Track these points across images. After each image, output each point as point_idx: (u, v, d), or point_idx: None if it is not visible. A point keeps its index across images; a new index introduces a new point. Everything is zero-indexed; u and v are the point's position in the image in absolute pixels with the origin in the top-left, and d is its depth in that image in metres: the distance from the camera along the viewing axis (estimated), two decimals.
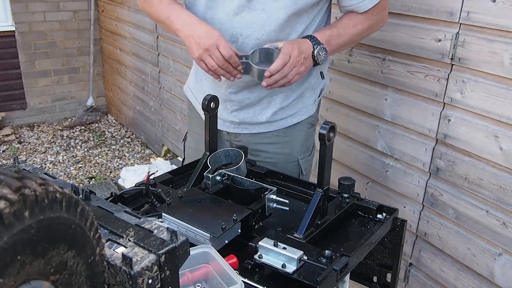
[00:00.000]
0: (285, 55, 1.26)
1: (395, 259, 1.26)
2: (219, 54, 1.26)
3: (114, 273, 0.67)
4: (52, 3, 4.74)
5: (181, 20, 1.36)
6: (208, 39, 1.27)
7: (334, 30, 1.39)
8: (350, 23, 1.41)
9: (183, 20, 1.35)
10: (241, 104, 1.48)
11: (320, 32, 1.37)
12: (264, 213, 1.14)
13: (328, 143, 1.09)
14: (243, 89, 1.46)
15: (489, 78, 1.49)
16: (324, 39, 1.35)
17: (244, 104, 1.48)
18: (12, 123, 4.85)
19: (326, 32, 1.38)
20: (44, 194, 0.52)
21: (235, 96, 1.47)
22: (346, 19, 1.42)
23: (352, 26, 1.41)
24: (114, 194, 1.19)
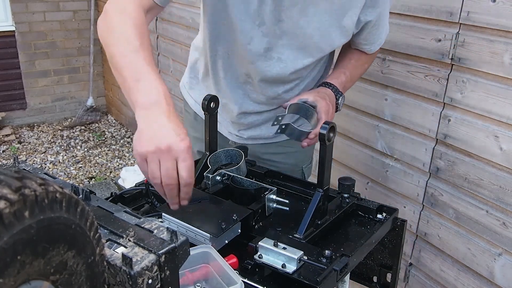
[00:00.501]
0: (326, 114, 1.26)
1: (395, 259, 1.26)
2: (172, 170, 0.91)
3: (114, 273, 0.67)
4: (52, 3, 4.74)
5: (149, 90, 0.96)
6: (169, 139, 0.90)
7: (347, 74, 1.40)
8: (359, 64, 1.45)
9: (152, 92, 0.96)
10: (249, 125, 1.50)
11: (337, 78, 1.38)
12: (264, 213, 1.14)
13: (328, 143, 1.09)
14: (253, 113, 1.46)
15: (489, 78, 1.49)
16: (341, 86, 1.38)
17: (252, 125, 1.49)
18: (12, 123, 4.85)
19: (342, 78, 1.39)
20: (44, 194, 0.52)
21: (245, 119, 1.47)
22: (354, 60, 1.44)
23: (360, 67, 1.47)
24: (114, 194, 1.19)
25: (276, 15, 1.22)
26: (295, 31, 1.25)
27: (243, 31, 1.25)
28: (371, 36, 1.36)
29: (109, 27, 1.09)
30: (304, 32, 1.25)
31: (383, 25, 1.36)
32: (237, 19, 1.23)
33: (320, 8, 1.22)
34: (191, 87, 1.60)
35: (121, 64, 1.01)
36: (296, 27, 1.24)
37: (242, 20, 1.23)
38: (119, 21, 1.08)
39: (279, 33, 1.26)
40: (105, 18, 1.12)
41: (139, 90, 0.96)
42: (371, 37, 1.37)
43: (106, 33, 1.10)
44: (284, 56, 1.29)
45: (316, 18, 1.23)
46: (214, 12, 1.27)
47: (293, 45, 1.28)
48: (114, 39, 1.06)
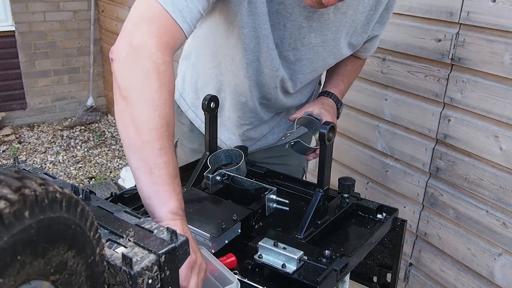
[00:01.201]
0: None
1: (395, 259, 1.26)
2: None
3: (114, 273, 0.67)
4: (52, 3, 4.74)
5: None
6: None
7: (345, 81, 1.45)
8: (354, 69, 1.50)
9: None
10: (253, 137, 1.50)
11: (336, 87, 1.42)
12: (264, 213, 1.14)
13: (328, 143, 1.09)
14: (258, 127, 1.47)
15: (489, 78, 1.49)
16: (341, 94, 1.43)
17: (255, 136, 1.50)
18: (12, 123, 4.85)
19: (341, 86, 1.43)
20: (44, 194, 0.52)
21: (248, 134, 1.47)
22: (350, 66, 1.48)
23: (355, 72, 1.52)
24: (114, 194, 1.19)
25: (291, 43, 1.22)
26: (311, 57, 1.27)
27: (271, 60, 1.24)
28: (371, 46, 1.42)
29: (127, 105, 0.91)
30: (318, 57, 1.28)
31: (379, 36, 1.41)
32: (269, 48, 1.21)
33: (339, 35, 1.24)
34: (194, 103, 1.52)
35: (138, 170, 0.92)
36: (311, 53, 1.26)
37: (271, 49, 1.21)
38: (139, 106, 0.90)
39: (293, 60, 1.27)
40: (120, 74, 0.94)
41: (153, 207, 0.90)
42: (370, 46, 1.42)
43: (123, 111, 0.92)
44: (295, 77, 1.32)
45: (333, 43, 1.25)
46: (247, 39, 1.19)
47: (306, 70, 1.31)
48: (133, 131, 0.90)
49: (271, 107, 1.41)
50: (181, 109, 1.58)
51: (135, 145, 0.89)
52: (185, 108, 1.56)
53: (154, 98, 0.89)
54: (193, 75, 1.47)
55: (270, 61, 1.23)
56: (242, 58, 1.23)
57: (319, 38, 1.22)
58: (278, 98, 1.36)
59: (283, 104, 1.40)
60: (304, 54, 1.25)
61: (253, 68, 1.25)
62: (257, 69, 1.26)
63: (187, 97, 1.55)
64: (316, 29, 1.20)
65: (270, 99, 1.37)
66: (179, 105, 1.58)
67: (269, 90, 1.32)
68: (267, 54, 1.21)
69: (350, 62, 1.47)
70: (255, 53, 1.21)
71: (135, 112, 0.89)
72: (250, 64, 1.24)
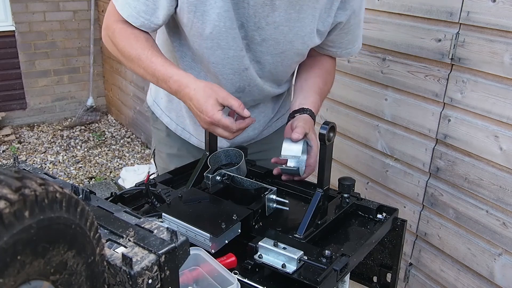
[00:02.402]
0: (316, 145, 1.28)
1: (395, 259, 1.26)
2: (221, 132, 1.19)
3: (114, 273, 0.67)
4: (52, 3, 4.74)
5: (171, 81, 1.20)
6: (202, 119, 1.17)
7: (318, 97, 1.41)
8: (323, 82, 1.45)
9: (174, 83, 1.20)
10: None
11: (313, 103, 1.38)
12: (264, 213, 1.14)
13: (328, 143, 1.09)
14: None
15: (489, 78, 1.49)
16: (316, 110, 1.38)
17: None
18: (12, 123, 4.85)
19: (317, 102, 1.39)
20: (44, 194, 0.52)
21: None
22: (320, 79, 1.44)
23: (325, 85, 1.46)
24: (114, 194, 1.19)
25: (256, 22, 1.23)
26: (277, 37, 1.26)
27: (230, 47, 1.25)
28: (339, 39, 1.38)
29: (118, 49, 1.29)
30: (284, 38, 1.27)
31: (353, 33, 1.37)
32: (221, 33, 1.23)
33: (303, 15, 1.24)
34: (167, 107, 1.54)
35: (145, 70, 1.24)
36: (277, 33, 1.26)
37: (232, 28, 1.22)
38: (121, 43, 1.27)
39: (259, 40, 1.27)
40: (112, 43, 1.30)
41: (163, 86, 1.23)
42: (338, 40, 1.38)
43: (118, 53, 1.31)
44: (263, 60, 1.31)
45: (298, 23, 1.25)
46: (192, 31, 1.24)
47: (273, 51, 1.30)
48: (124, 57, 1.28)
49: (246, 97, 1.39)
50: (155, 115, 1.57)
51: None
52: (159, 113, 1.56)
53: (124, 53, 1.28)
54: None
55: (232, 40, 1.24)
56: (201, 46, 1.26)
57: (283, 16, 1.23)
58: (251, 83, 1.34)
59: (258, 91, 1.38)
60: (270, 34, 1.25)
61: (217, 56, 1.27)
62: (220, 55, 1.27)
63: (160, 101, 1.55)
64: (279, 7, 1.20)
65: (244, 88, 1.36)
66: (154, 111, 1.58)
67: (240, 76, 1.32)
68: (227, 35, 1.22)
69: (317, 77, 1.44)
70: (214, 39, 1.23)
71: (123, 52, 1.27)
72: (211, 50, 1.26)
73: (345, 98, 2.07)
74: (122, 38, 1.26)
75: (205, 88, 1.16)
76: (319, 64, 1.45)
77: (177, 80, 1.18)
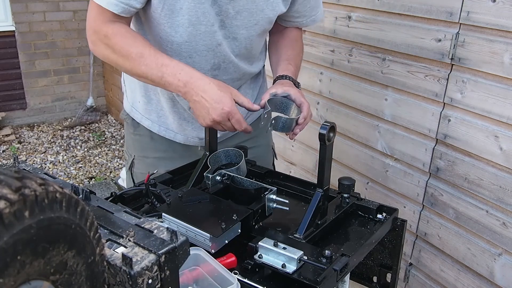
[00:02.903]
0: (303, 97, 1.29)
1: (395, 259, 1.26)
2: (230, 125, 1.22)
3: (114, 273, 0.67)
4: (52, 3, 4.74)
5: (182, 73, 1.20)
6: (218, 110, 1.18)
7: (292, 64, 1.45)
8: (296, 52, 1.51)
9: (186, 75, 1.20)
10: None
11: (287, 70, 1.41)
12: (264, 213, 1.14)
13: (328, 143, 1.09)
14: None
15: (489, 78, 1.49)
16: (294, 75, 1.42)
17: None
18: (12, 123, 4.85)
19: (291, 69, 1.43)
20: (44, 194, 0.52)
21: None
22: (291, 49, 1.49)
23: (298, 55, 1.52)
24: (114, 194, 1.19)
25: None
26: (250, 7, 1.28)
27: (202, 23, 1.26)
28: (302, 8, 1.43)
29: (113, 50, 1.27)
30: (257, 7, 1.29)
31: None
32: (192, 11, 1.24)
33: None
34: (146, 109, 1.51)
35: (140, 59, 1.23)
36: (249, 3, 1.27)
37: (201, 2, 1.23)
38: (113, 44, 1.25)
39: (233, 13, 1.28)
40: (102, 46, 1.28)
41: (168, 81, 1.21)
42: (302, 9, 1.43)
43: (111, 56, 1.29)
44: (239, 34, 1.33)
45: None
46: (164, 11, 1.25)
47: (248, 24, 1.32)
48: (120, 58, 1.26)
49: (223, 75, 1.39)
50: (136, 121, 1.55)
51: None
52: (139, 118, 1.53)
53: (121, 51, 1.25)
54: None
55: (202, 15, 1.25)
56: (173, 25, 1.27)
57: None
58: (226, 59, 1.35)
59: (234, 68, 1.39)
60: (243, 5, 1.27)
61: (189, 33, 1.28)
62: (192, 32, 1.28)
63: (138, 105, 1.52)
64: None
65: (219, 65, 1.36)
66: (133, 117, 1.55)
67: (213, 52, 1.33)
68: (196, 10, 1.24)
69: (288, 46, 1.48)
70: (184, 15, 1.24)
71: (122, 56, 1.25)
72: (182, 28, 1.27)
73: (345, 98, 2.07)
74: (118, 38, 1.24)
75: (219, 83, 1.21)
76: (284, 37, 1.51)
77: (189, 71, 1.19)
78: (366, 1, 1.87)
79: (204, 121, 1.22)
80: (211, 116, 1.19)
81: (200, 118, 1.23)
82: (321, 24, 2.11)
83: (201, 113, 1.21)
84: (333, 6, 2.05)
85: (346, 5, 1.98)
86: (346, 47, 2.01)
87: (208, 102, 1.18)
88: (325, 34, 2.12)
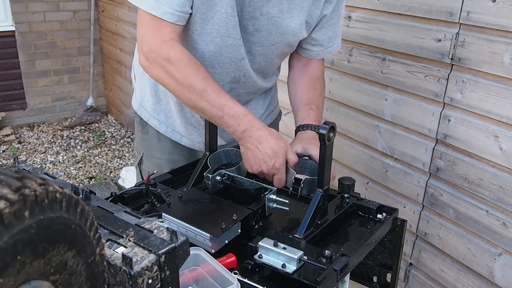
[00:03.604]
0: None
1: (395, 259, 1.26)
2: (271, 178, 1.21)
3: (114, 273, 0.67)
4: (52, 3, 4.74)
5: (244, 120, 1.17)
6: (269, 164, 1.17)
7: (314, 108, 1.41)
8: (317, 93, 1.45)
9: (247, 122, 1.18)
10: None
11: (312, 117, 1.38)
12: (264, 213, 1.14)
13: (328, 143, 1.09)
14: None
15: (489, 78, 1.49)
16: (316, 121, 1.39)
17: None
18: (12, 123, 4.85)
19: (312, 114, 1.39)
20: (44, 194, 0.52)
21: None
22: (312, 89, 1.44)
23: (320, 96, 1.46)
24: (114, 194, 1.19)
25: (250, 12, 1.24)
26: (269, 28, 1.28)
27: (231, 35, 1.25)
28: (321, 36, 1.39)
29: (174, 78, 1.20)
30: (277, 30, 1.29)
31: (333, 29, 1.39)
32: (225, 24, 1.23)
33: (293, 6, 1.26)
34: (154, 109, 1.50)
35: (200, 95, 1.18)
36: (270, 24, 1.27)
37: (233, 16, 1.22)
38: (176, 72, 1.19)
39: (252, 30, 1.27)
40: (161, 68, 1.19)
41: (227, 122, 1.19)
42: (320, 38, 1.39)
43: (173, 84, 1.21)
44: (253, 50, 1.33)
45: (289, 15, 1.27)
46: (196, 17, 1.23)
47: (265, 43, 1.31)
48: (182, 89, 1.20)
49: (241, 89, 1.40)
50: (143, 119, 1.54)
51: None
52: (147, 117, 1.53)
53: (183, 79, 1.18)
54: (151, 78, 1.40)
55: (232, 28, 1.24)
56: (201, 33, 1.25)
57: (277, 8, 1.25)
58: (246, 74, 1.36)
59: (252, 83, 1.39)
60: (263, 25, 1.27)
61: (215, 43, 1.27)
62: (219, 43, 1.27)
63: (146, 104, 1.52)
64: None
65: (239, 79, 1.36)
66: (141, 116, 1.55)
67: (236, 65, 1.32)
68: (227, 21, 1.23)
69: (310, 87, 1.44)
70: (214, 24, 1.23)
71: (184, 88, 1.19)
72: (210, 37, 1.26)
73: (345, 98, 2.07)
74: (182, 66, 1.18)
75: (275, 134, 1.19)
76: (306, 74, 1.46)
77: (251, 119, 1.18)
78: (366, 1, 1.87)
79: (251, 168, 1.21)
80: (260, 168, 1.19)
81: (248, 164, 1.22)
82: None
83: (251, 161, 1.20)
84: None
85: (346, 5, 1.98)
86: (346, 47, 2.01)
87: (261, 153, 1.17)
88: None
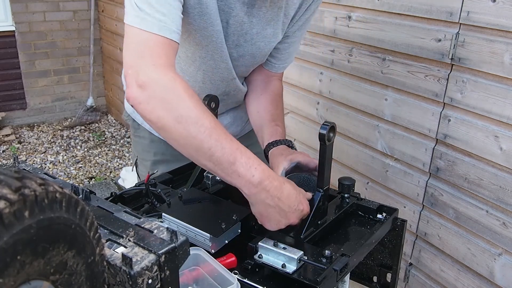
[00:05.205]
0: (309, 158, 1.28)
1: (395, 259, 1.26)
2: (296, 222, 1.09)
3: (114, 273, 0.67)
4: (52, 3, 4.74)
5: (259, 168, 0.99)
6: (298, 213, 1.05)
7: (281, 125, 1.40)
8: (278, 111, 1.44)
9: (262, 172, 0.99)
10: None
11: (279, 133, 1.37)
12: None
13: (328, 143, 1.09)
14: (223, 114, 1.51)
15: (489, 78, 1.49)
16: (284, 136, 1.38)
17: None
18: (12, 123, 4.85)
19: (281, 131, 1.38)
20: (44, 194, 0.52)
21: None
22: (274, 107, 1.43)
23: (281, 113, 1.46)
24: (114, 194, 1.19)
25: (234, 40, 1.25)
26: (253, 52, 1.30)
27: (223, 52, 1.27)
28: (282, 50, 1.39)
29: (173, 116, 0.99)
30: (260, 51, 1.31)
31: (294, 46, 1.41)
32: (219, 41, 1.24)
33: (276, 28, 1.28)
34: None
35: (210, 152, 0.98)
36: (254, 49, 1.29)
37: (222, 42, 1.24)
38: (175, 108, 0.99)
39: (236, 56, 1.30)
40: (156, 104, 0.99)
41: (239, 171, 0.98)
42: (281, 51, 1.39)
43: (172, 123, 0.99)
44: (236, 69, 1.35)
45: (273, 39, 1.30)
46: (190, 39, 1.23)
47: (248, 64, 1.34)
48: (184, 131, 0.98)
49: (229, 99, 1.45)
50: (137, 122, 1.54)
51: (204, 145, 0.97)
52: (140, 119, 1.52)
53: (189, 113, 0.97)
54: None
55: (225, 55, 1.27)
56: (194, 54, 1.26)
57: (260, 33, 1.26)
58: (236, 88, 1.40)
59: (241, 94, 1.46)
60: (247, 50, 1.29)
61: (208, 65, 1.29)
62: (212, 65, 1.29)
63: None
64: (256, 24, 1.23)
65: (229, 92, 1.40)
66: (134, 118, 1.54)
67: (227, 83, 1.36)
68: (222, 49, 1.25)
69: (271, 104, 1.44)
70: (209, 51, 1.25)
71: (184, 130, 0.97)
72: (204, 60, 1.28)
73: (345, 98, 2.06)
74: (183, 104, 0.98)
75: (294, 186, 1.07)
76: (268, 90, 1.45)
77: (266, 169, 1.00)
78: (366, 1, 1.87)
79: (277, 225, 1.05)
80: (289, 221, 1.05)
81: (273, 223, 1.05)
82: (321, 24, 2.12)
83: (275, 218, 1.04)
84: (333, 6, 2.05)
85: (346, 5, 1.98)
86: (346, 47, 2.01)
87: (286, 205, 1.02)
88: (325, 34, 2.12)
